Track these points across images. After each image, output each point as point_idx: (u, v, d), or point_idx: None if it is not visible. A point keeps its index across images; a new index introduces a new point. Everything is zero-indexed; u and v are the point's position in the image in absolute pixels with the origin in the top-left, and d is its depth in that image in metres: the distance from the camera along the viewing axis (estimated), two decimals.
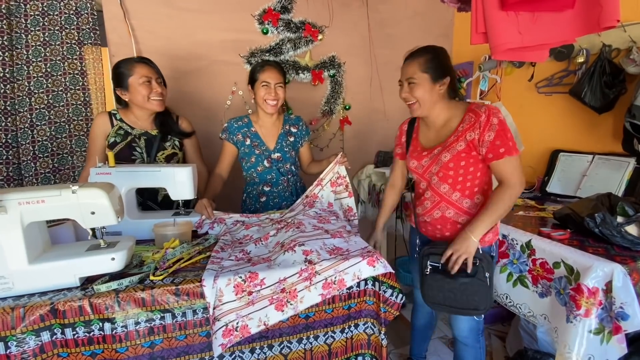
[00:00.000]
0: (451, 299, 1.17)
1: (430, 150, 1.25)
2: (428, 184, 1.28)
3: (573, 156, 1.85)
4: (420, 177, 1.31)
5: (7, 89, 1.74)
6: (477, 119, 1.13)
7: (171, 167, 1.32)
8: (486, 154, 1.12)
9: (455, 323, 1.33)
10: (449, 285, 1.16)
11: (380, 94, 2.55)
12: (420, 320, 1.59)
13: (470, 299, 1.15)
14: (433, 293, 1.20)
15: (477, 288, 1.14)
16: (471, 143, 1.14)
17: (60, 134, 1.90)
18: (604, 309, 1.02)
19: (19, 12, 1.74)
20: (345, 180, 1.46)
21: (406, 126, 1.40)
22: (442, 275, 1.18)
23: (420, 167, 1.29)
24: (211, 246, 1.21)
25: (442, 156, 1.20)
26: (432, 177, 1.25)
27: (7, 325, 0.83)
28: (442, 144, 1.21)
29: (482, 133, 1.11)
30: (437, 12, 2.57)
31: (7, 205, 0.85)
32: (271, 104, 1.53)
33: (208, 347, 0.97)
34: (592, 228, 1.19)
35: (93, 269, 0.94)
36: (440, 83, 1.19)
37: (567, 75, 1.88)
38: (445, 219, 1.25)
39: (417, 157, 1.29)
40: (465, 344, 1.33)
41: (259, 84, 1.52)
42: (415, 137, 1.35)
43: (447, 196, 1.23)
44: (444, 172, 1.21)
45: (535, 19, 0.76)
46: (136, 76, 1.41)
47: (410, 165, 1.33)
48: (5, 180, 1.78)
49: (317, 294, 1.01)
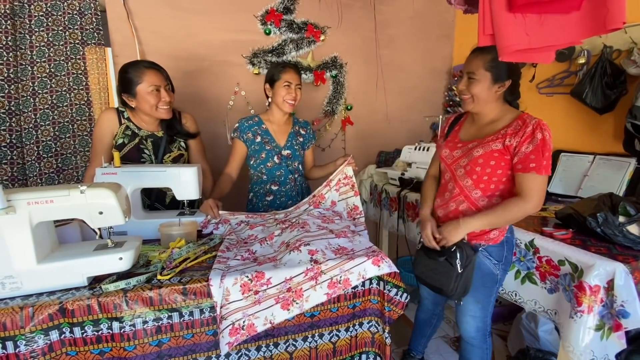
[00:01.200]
0: (425, 275, 1.29)
1: (465, 143, 1.27)
2: (452, 176, 1.28)
3: (574, 156, 1.87)
4: (447, 167, 1.31)
5: (11, 89, 1.75)
6: (523, 128, 1.12)
7: (176, 167, 1.33)
8: (517, 163, 1.13)
9: (462, 323, 1.34)
10: (424, 262, 1.28)
11: (383, 94, 2.56)
12: (421, 315, 1.63)
13: (437, 279, 1.24)
14: (418, 268, 1.32)
15: (444, 270, 1.21)
16: (508, 147, 1.14)
17: (64, 134, 1.90)
18: (604, 306, 1.03)
19: (22, 13, 1.74)
20: (351, 180, 1.48)
21: (452, 118, 1.42)
22: (423, 252, 1.30)
23: (450, 157, 1.30)
24: (216, 246, 1.21)
25: (474, 151, 1.21)
26: (458, 169, 1.26)
27: (16, 325, 0.84)
28: (479, 140, 1.22)
29: (521, 142, 1.11)
30: (439, 13, 2.58)
31: (16, 205, 0.86)
32: (290, 103, 1.58)
33: (215, 346, 0.97)
34: (595, 228, 1.20)
35: (101, 269, 0.94)
36: (500, 84, 1.18)
37: (569, 76, 1.90)
38: (457, 213, 1.26)
39: (451, 147, 1.31)
40: (472, 344, 1.34)
41: (281, 83, 1.56)
42: (458, 129, 1.36)
43: (467, 191, 1.23)
44: (472, 167, 1.21)
45: (542, 21, 0.77)
46: (145, 84, 1.38)
47: (442, 154, 1.34)
48: (10, 180, 1.78)
49: (322, 293, 1.01)
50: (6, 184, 1.78)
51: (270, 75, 1.60)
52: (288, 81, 1.55)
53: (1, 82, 1.72)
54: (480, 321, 1.30)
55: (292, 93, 1.57)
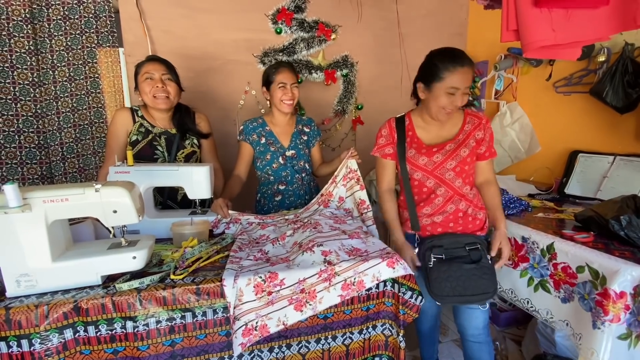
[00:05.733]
0: (460, 287, 1.17)
1: (440, 146, 1.27)
2: (440, 181, 1.27)
3: (593, 157, 1.81)
4: (428, 175, 1.28)
5: (36, 92, 1.81)
6: (479, 121, 1.28)
7: (189, 166, 1.33)
8: (485, 152, 1.28)
9: (469, 321, 1.31)
10: (456, 273, 1.17)
11: (393, 93, 2.53)
12: (425, 325, 1.53)
13: (479, 284, 1.17)
14: (440, 285, 1.18)
15: (484, 271, 1.18)
16: (480, 141, 1.27)
17: (84, 136, 1.96)
18: (631, 314, 0.99)
19: (41, 16, 1.78)
20: (356, 173, 1.45)
21: (394, 124, 1.34)
22: (447, 266, 1.19)
23: (431, 164, 1.27)
24: (228, 245, 1.21)
25: (460, 151, 1.26)
26: (446, 172, 1.26)
27: (31, 323, 0.84)
28: (453, 141, 1.27)
29: (485, 133, 1.27)
30: (451, 11, 2.54)
31: (32, 203, 0.86)
32: (288, 103, 1.56)
33: (228, 346, 0.97)
34: (618, 231, 1.16)
35: (115, 267, 0.94)
36: None
37: (587, 74, 1.84)
38: (457, 212, 1.29)
39: (427, 154, 1.27)
40: (479, 342, 1.32)
41: (276, 85, 1.55)
42: (412, 135, 1.32)
43: (460, 189, 1.28)
44: (461, 167, 1.26)
45: (569, 16, 0.74)
46: (141, 74, 1.43)
47: (417, 163, 1.28)
48: (40, 179, 1.87)
49: (336, 294, 1.00)
50: (37, 182, 1.85)
51: (265, 78, 1.60)
52: (282, 82, 1.54)
53: (27, 87, 1.78)
54: (485, 314, 1.30)
55: (288, 93, 1.55)
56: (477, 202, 1.32)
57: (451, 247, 1.23)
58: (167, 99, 1.46)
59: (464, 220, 1.30)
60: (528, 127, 2.17)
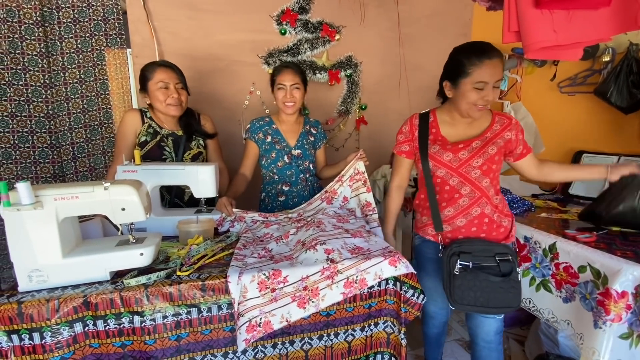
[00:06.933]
0: (484, 298, 1.12)
1: (466, 142, 1.21)
2: (465, 179, 1.20)
3: (597, 157, 1.81)
4: (452, 172, 1.22)
5: (47, 94, 1.85)
6: (509, 121, 1.25)
7: (194, 165, 1.35)
8: (522, 150, 1.26)
9: (482, 326, 1.28)
10: (482, 284, 1.12)
11: (397, 93, 2.53)
12: (433, 330, 1.48)
13: (505, 297, 1.12)
14: (463, 294, 1.14)
15: (511, 284, 1.11)
16: (508, 142, 1.23)
17: (94, 136, 2.01)
18: (633, 313, 0.99)
19: (52, 19, 1.82)
20: (363, 176, 1.46)
21: (417, 121, 1.31)
22: (473, 275, 1.13)
23: (456, 160, 1.21)
24: (233, 243, 1.23)
25: (488, 149, 1.20)
26: (472, 170, 1.19)
27: (42, 317, 0.87)
28: (480, 138, 1.22)
29: (517, 134, 1.24)
30: (456, 12, 2.54)
31: (44, 200, 0.89)
32: (289, 105, 1.58)
33: (232, 342, 0.99)
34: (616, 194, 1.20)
35: (123, 264, 0.97)
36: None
37: (592, 74, 1.84)
38: (483, 217, 1.21)
39: (452, 150, 1.21)
40: (490, 348, 1.29)
41: (277, 87, 1.58)
42: (436, 132, 1.27)
43: (487, 191, 1.21)
44: (488, 165, 1.20)
45: (571, 17, 0.74)
46: (154, 81, 1.45)
47: (441, 159, 1.23)
48: (52, 177, 1.92)
49: (338, 292, 1.01)
50: (49, 180, 1.91)
51: (270, 79, 1.64)
52: (282, 83, 1.56)
53: (39, 88, 1.83)
54: (501, 320, 1.26)
55: (288, 95, 1.57)
56: (502, 209, 1.25)
57: (480, 255, 1.15)
58: (180, 107, 1.51)
59: (489, 227, 1.22)
60: (532, 127, 2.16)
